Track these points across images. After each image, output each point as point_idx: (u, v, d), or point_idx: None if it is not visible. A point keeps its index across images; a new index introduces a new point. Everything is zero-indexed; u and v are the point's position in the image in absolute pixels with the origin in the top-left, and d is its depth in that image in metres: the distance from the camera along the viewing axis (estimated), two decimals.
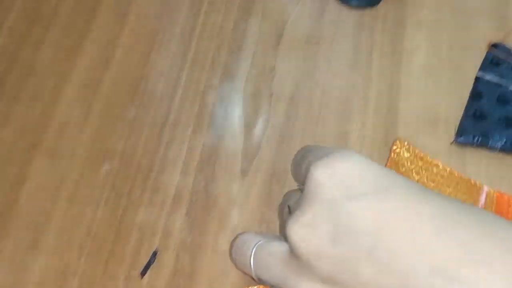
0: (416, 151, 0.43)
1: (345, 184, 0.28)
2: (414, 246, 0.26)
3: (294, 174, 0.35)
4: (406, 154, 0.43)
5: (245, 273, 0.35)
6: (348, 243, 0.28)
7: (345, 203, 0.28)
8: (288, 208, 0.34)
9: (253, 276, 0.33)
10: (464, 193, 0.42)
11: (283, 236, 0.32)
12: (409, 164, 0.43)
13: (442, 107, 0.47)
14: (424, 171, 0.43)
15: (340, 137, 0.45)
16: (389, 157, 0.43)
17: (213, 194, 0.43)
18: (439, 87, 0.48)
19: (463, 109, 0.46)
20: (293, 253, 0.30)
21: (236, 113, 0.46)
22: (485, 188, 0.42)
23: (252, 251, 0.33)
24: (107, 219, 0.42)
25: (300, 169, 0.32)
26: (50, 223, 0.42)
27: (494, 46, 0.48)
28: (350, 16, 0.51)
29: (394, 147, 0.44)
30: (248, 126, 0.45)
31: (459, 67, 0.49)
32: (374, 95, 0.47)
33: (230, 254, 0.36)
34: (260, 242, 0.33)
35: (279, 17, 0.51)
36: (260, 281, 0.33)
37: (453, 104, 0.47)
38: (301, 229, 0.29)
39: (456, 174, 0.42)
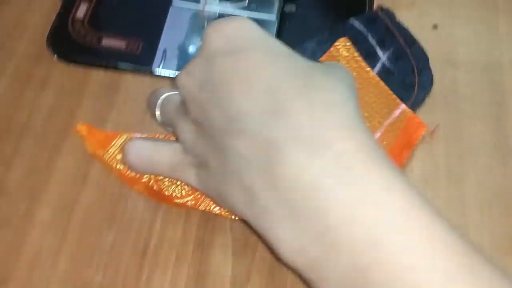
0: (355, 54, 0.47)
1: (226, 40, 0.33)
2: (246, 95, 0.31)
3: None
4: (345, 53, 0.46)
5: (154, 119, 0.42)
6: (209, 89, 0.33)
7: (218, 56, 0.33)
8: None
9: (159, 122, 0.42)
10: (382, 103, 0.46)
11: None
12: (344, 63, 0.46)
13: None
14: (355, 73, 0.46)
15: None
16: (327, 50, 0.47)
17: None
18: (438, 199, 0.45)
19: (465, 227, 0.44)
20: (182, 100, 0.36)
21: (222, 235, 0.43)
22: (402, 106, 0.46)
23: (158, 102, 0.41)
24: None
25: None
26: None
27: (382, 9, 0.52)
28: None
29: (337, 43, 0.47)
30: (236, 254, 0.42)
31: (458, 176, 0.46)
32: None
33: (146, 105, 0.44)
34: (165, 95, 0.41)
35: None
36: (163, 125, 0.42)
37: (454, 219, 0.44)
38: (184, 76, 0.35)
39: (381, 85, 0.46)
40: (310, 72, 0.33)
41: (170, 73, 0.51)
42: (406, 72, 0.50)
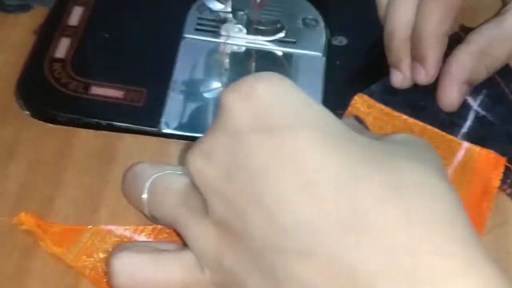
0: (382, 107, 0.39)
1: (253, 111, 0.25)
2: (305, 200, 0.24)
3: None
4: (367, 110, 0.39)
5: (138, 210, 0.32)
6: (241, 182, 0.25)
7: (248, 134, 0.25)
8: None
9: (146, 213, 0.31)
10: (437, 148, 0.37)
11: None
12: (371, 119, 0.38)
13: None
14: (389, 126, 0.38)
15: None
16: (345, 112, 0.39)
17: None
18: None
19: None
20: (193, 187, 0.28)
21: None
22: (465, 144, 0.37)
23: (146, 185, 0.31)
24: None
25: None
26: None
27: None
28: None
29: (353, 101, 0.39)
30: None
31: None
32: None
33: (122, 188, 0.34)
34: (156, 175, 0.31)
35: None
36: (153, 219, 0.32)
37: None
38: (199, 158, 0.27)
39: (429, 129, 0.38)
40: (391, 159, 0.25)
41: (184, 132, 0.38)
42: (509, 119, 0.39)
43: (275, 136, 0.25)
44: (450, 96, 0.38)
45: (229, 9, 0.40)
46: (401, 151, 0.26)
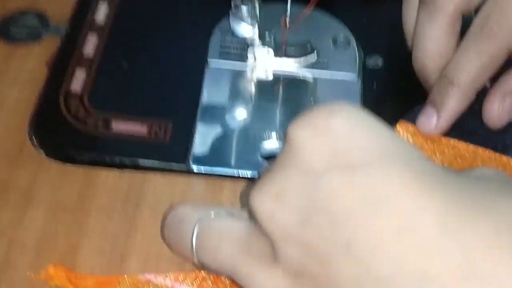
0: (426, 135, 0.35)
1: (330, 147, 0.23)
2: (405, 246, 0.21)
3: None
4: (411, 139, 0.35)
5: (182, 257, 0.29)
6: (323, 227, 0.22)
7: (326, 174, 0.23)
8: None
9: (194, 260, 0.28)
10: None
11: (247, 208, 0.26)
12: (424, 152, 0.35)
13: None
14: (438, 155, 0.35)
15: None
16: None
17: None
18: None
19: None
20: (258, 232, 0.25)
21: None
22: None
23: (194, 229, 0.27)
24: None
25: None
26: None
27: None
28: None
29: (397, 129, 0.36)
30: None
31: None
32: None
33: (163, 233, 0.30)
34: (205, 217, 0.28)
35: None
36: (202, 266, 0.28)
37: None
38: (269, 201, 0.24)
39: (481, 152, 0.35)
40: (493, 198, 0.22)
41: (214, 168, 0.34)
42: None
43: (360, 175, 0.22)
44: (496, 107, 0.35)
45: (256, 31, 0.37)
46: (497, 188, 0.23)
